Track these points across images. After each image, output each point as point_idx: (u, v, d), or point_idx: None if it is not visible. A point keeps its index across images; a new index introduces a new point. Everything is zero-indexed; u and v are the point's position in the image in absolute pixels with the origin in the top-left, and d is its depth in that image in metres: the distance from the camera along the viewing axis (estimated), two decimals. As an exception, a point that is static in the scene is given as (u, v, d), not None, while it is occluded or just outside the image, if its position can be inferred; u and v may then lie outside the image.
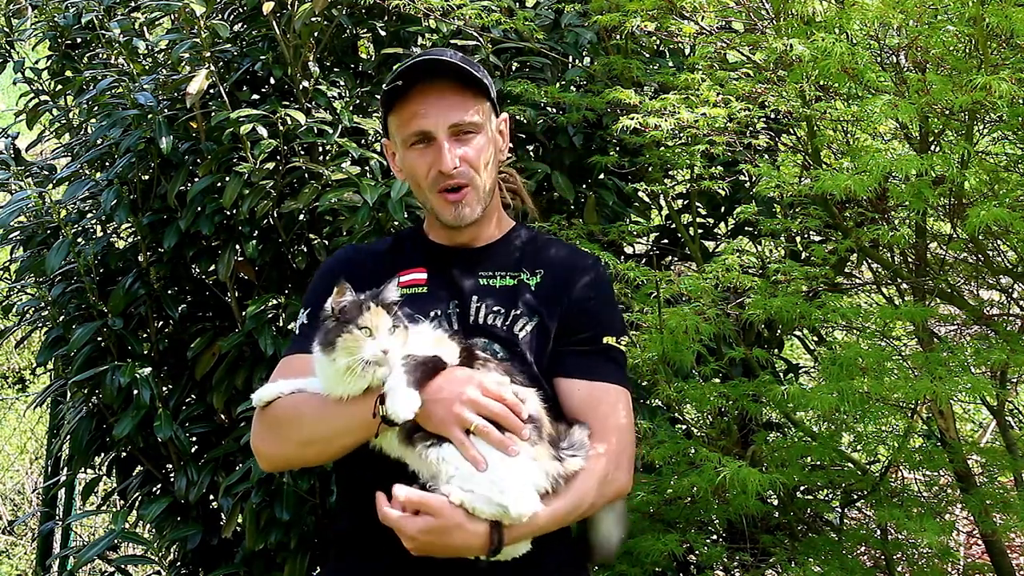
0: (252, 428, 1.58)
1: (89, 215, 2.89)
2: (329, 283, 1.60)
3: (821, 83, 2.19)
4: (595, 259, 1.70)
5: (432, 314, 1.57)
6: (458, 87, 1.60)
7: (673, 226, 2.98)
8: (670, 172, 2.90)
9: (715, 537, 2.59)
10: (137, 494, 2.79)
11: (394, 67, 1.65)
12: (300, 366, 1.55)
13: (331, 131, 2.51)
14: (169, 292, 2.76)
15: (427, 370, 1.41)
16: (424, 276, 1.63)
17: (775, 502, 2.50)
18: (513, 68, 2.84)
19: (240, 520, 2.58)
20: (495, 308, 1.58)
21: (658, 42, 2.95)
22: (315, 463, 1.92)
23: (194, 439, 2.76)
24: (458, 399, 1.39)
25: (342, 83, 2.76)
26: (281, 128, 2.50)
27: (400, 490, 1.39)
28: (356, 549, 1.58)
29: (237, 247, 2.62)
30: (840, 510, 2.64)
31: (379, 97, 2.73)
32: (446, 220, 1.62)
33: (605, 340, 1.60)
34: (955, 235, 2.25)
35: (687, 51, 2.93)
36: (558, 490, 1.45)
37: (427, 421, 1.41)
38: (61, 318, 2.74)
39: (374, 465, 1.49)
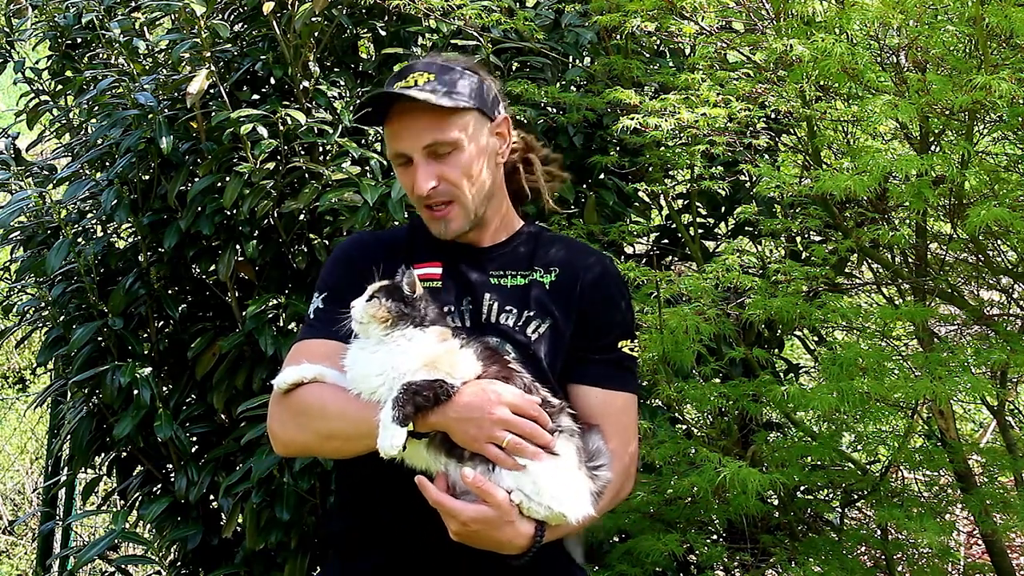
0: (270, 410, 1.56)
1: (89, 215, 2.88)
2: (345, 267, 1.60)
3: (821, 83, 2.19)
4: (609, 258, 1.70)
5: (445, 310, 1.57)
6: (433, 105, 1.53)
7: (673, 226, 2.99)
8: (670, 172, 2.91)
9: (715, 537, 2.59)
10: (137, 494, 2.79)
11: (389, 69, 1.63)
12: (316, 351, 1.54)
13: (331, 131, 2.51)
14: (169, 292, 2.75)
15: (422, 401, 1.39)
16: (439, 271, 1.62)
17: (775, 502, 2.50)
18: (513, 68, 2.84)
19: (240, 520, 2.58)
20: (507, 308, 1.58)
21: (658, 42, 2.95)
22: (333, 457, 1.90)
23: (194, 439, 2.76)
24: (489, 420, 1.39)
25: (342, 83, 2.76)
26: (281, 128, 2.49)
27: (469, 471, 1.39)
28: (355, 549, 1.58)
29: (237, 247, 2.62)
30: (840, 510, 2.64)
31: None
32: (434, 233, 1.61)
33: (621, 346, 1.60)
34: (955, 235, 2.25)
35: (687, 51, 2.93)
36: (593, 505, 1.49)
37: (459, 439, 1.41)
38: (61, 318, 2.74)
39: (383, 477, 1.48)
